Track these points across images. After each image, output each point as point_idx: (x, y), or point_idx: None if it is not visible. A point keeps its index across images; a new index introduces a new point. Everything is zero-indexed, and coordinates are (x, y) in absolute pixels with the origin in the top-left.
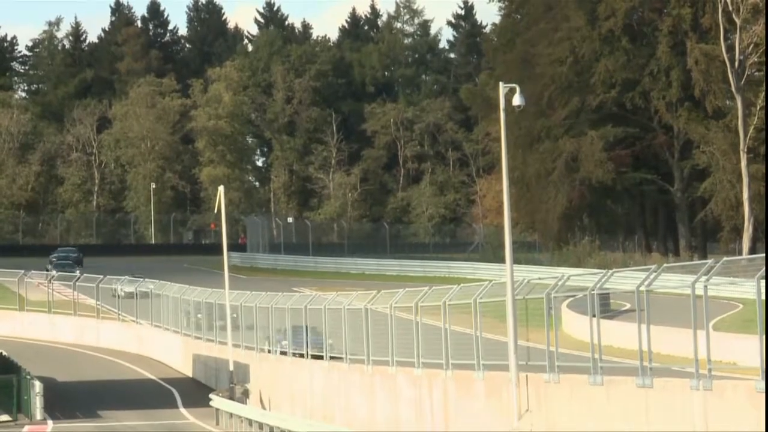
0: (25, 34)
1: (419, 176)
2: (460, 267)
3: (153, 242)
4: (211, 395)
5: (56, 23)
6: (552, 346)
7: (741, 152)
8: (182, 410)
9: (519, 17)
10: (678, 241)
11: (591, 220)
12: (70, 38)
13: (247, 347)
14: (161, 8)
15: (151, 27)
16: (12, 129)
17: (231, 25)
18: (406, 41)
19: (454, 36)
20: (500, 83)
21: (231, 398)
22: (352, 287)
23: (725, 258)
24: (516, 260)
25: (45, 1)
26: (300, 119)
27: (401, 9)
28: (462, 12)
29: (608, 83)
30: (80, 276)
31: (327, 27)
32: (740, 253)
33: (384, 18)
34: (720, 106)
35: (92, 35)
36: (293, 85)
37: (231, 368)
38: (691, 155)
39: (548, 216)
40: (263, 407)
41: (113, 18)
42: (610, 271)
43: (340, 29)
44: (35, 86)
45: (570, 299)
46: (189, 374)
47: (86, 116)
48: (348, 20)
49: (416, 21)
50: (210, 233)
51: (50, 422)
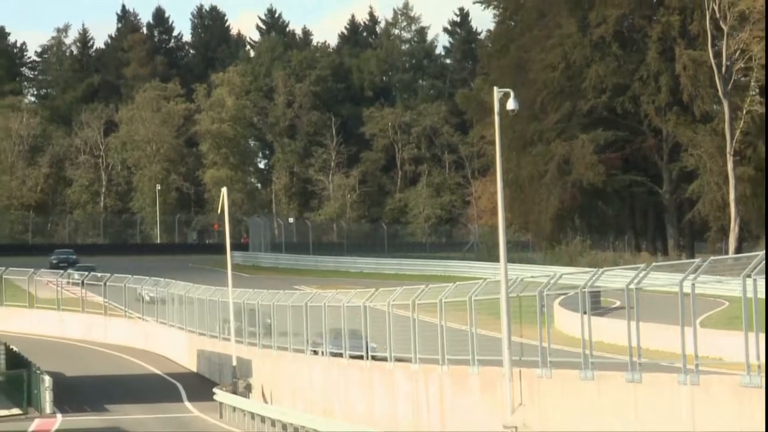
0: (35, 41)
1: (416, 178)
2: (456, 266)
3: (158, 242)
4: (215, 389)
5: (64, 30)
6: (544, 343)
7: (727, 155)
8: (187, 404)
9: (513, 24)
10: (666, 241)
11: (582, 221)
12: (78, 44)
13: (250, 343)
14: (166, 15)
15: (157, 33)
16: (22, 132)
17: (234, 32)
18: (404, 47)
19: (450, 42)
20: (495, 88)
21: (234, 392)
22: (351, 285)
23: (712, 257)
24: (510, 259)
25: (54, 9)
26: (300, 123)
27: (399, 16)
28: (458, 19)
29: (599, 88)
30: (99, 276)
31: (327, 33)
32: (727, 253)
33: (382, 25)
34: (707, 111)
35: (99, 41)
36: (294, 90)
37: (234, 364)
38: (680, 158)
39: (541, 217)
40: (265, 401)
41: (119, 25)
42: (601, 270)
43: (340, 36)
44: (44, 91)
45: (562, 297)
46: (193, 369)
47: (93, 120)
48: (347, 27)
49: (413, 28)
50: (213, 233)
51: (59, 415)
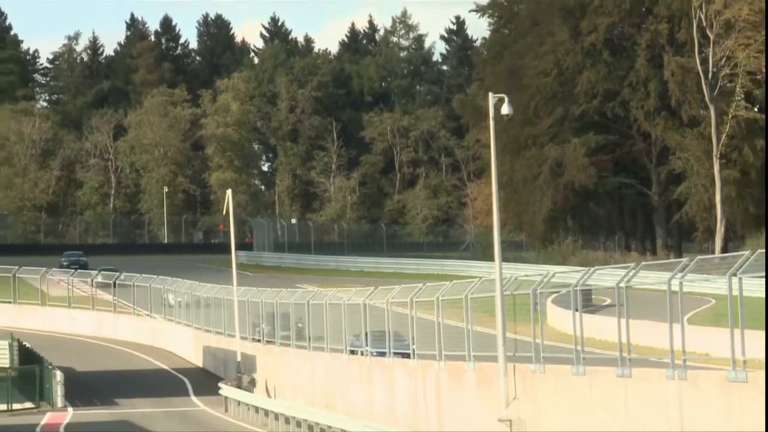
0: (47, 48)
1: (414, 180)
2: (453, 265)
3: (166, 242)
4: (221, 384)
5: (75, 37)
6: (538, 339)
7: (714, 158)
8: (193, 398)
9: (507, 32)
10: (655, 241)
11: (574, 222)
12: (88, 51)
13: (254, 339)
14: (173, 23)
15: (164, 41)
16: (34, 136)
17: (238, 39)
18: (402, 54)
19: (447, 49)
20: (490, 93)
21: (239, 387)
22: (352, 284)
23: (699, 257)
24: (504, 258)
25: (65, 17)
26: (303, 127)
27: (397, 24)
28: (454, 27)
29: (590, 94)
30: (123, 277)
31: (328, 41)
32: (713, 252)
33: (381, 32)
34: (694, 115)
35: (109, 48)
36: (296, 95)
37: (239, 359)
38: (668, 161)
39: (534, 217)
40: (269, 395)
41: (128, 32)
42: (592, 269)
43: (340, 43)
44: (56, 96)
45: (554, 295)
46: (199, 365)
47: (103, 124)
48: (347, 35)
49: (411, 35)
50: (219, 233)
51: (70, 409)
